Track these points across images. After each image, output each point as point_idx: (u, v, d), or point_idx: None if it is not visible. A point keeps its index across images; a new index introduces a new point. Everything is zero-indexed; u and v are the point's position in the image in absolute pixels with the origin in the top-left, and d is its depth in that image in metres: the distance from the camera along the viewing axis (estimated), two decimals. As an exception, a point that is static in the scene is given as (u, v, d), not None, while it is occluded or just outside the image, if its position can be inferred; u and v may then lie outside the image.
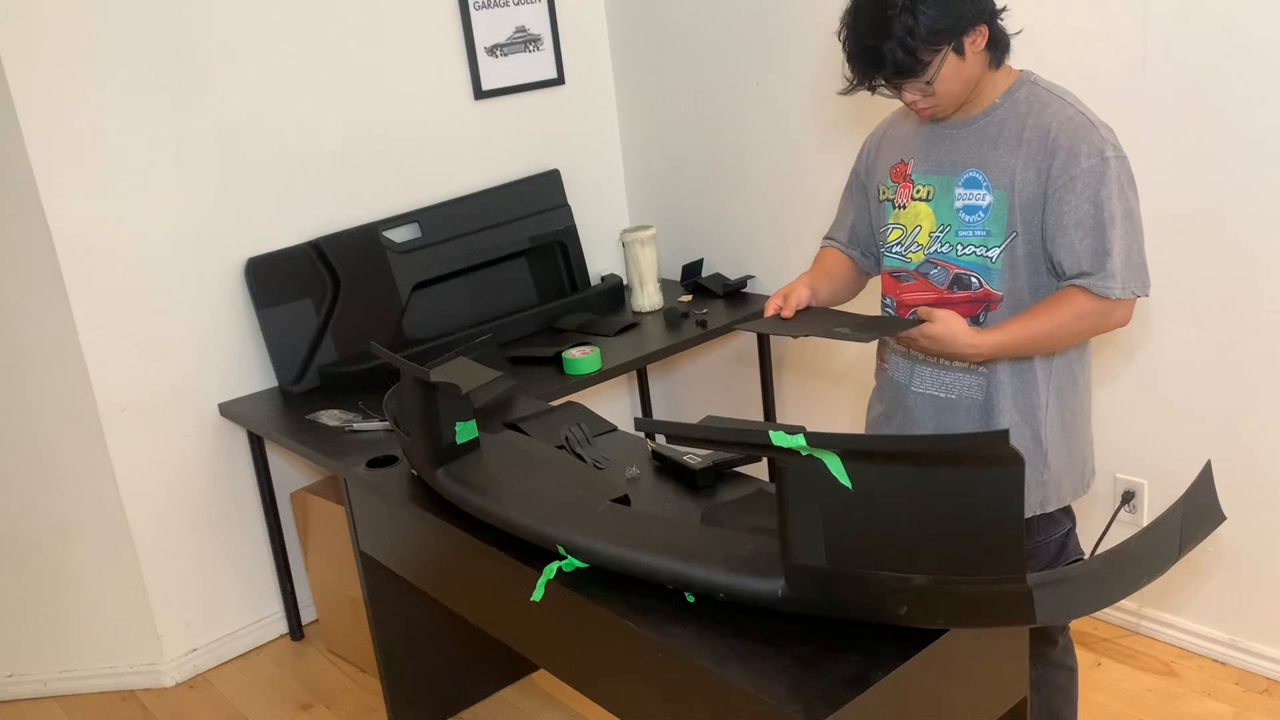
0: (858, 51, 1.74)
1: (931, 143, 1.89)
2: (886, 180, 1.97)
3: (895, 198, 1.94)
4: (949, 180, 1.86)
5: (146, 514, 2.99)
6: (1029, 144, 1.78)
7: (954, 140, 1.86)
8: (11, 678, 3.09)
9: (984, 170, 1.82)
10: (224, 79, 2.95)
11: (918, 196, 1.90)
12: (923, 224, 1.89)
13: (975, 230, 1.83)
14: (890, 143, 1.99)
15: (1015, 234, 1.80)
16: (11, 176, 2.71)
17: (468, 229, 3.35)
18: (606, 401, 3.92)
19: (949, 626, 1.50)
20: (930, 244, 1.88)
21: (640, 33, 3.61)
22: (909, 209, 1.91)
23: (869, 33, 1.71)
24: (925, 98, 1.78)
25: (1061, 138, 1.75)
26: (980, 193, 1.82)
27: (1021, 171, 1.78)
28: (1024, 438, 1.90)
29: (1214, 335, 2.48)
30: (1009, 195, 1.79)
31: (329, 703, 2.92)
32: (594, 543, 1.75)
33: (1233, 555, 2.59)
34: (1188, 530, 1.43)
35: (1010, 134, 1.80)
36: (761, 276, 3.50)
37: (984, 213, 1.81)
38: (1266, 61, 2.26)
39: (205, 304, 3.00)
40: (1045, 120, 1.77)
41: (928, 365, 1.94)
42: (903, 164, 1.93)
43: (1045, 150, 1.76)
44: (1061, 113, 1.77)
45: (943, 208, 1.86)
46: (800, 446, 1.42)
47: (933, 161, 1.88)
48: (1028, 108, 1.80)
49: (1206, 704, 2.52)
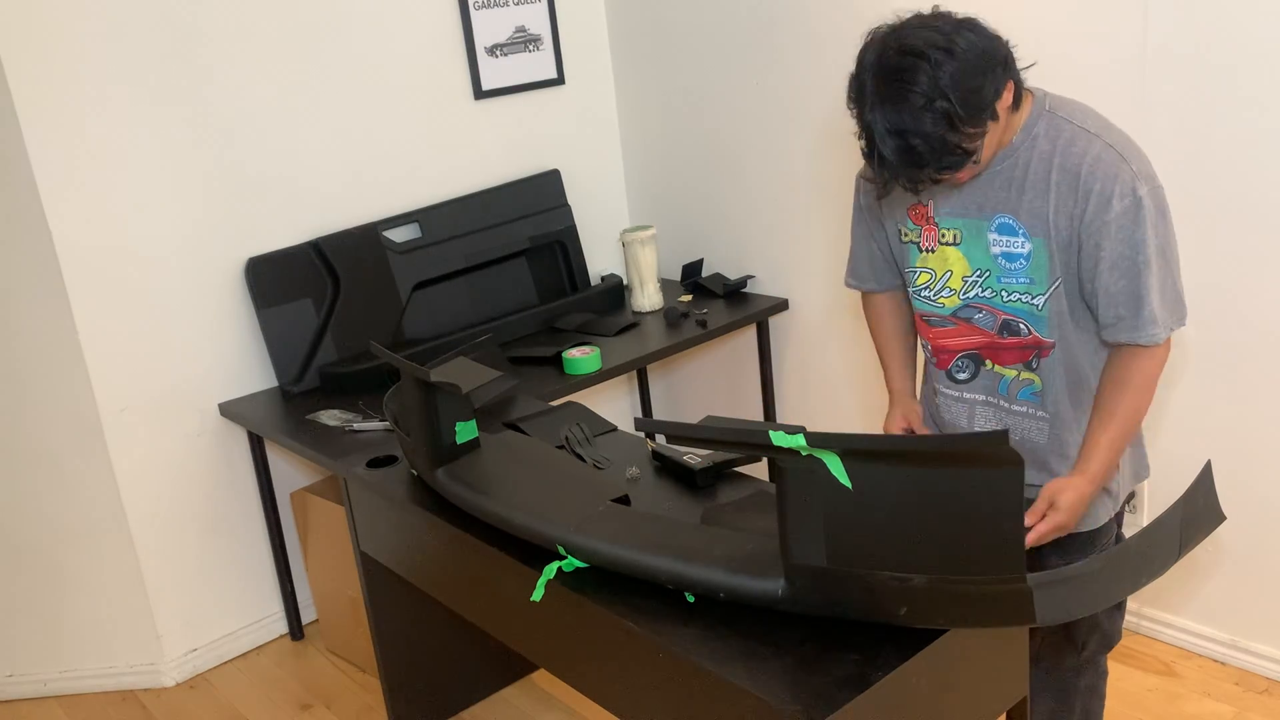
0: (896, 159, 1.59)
1: (950, 185, 1.77)
2: (907, 223, 1.86)
3: (921, 241, 1.84)
4: (978, 224, 1.76)
5: (146, 514, 2.99)
6: (1058, 187, 1.68)
7: (978, 184, 1.75)
8: (11, 678, 3.09)
9: (1017, 216, 1.72)
10: (224, 79, 2.95)
11: (945, 241, 1.81)
12: (954, 269, 1.81)
13: (1019, 278, 1.75)
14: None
15: (1058, 280, 1.72)
16: (12, 177, 2.71)
17: (468, 229, 3.35)
18: (606, 401, 3.92)
19: (949, 626, 1.50)
20: (966, 289, 1.80)
21: (640, 33, 3.61)
22: (938, 253, 1.82)
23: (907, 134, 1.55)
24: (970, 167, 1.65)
25: (1093, 181, 1.65)
26: (1018, 240, 1.73)
27: (1055, 216, 1.69)
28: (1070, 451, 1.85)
29: (1214, 335, 2.48)
30: (1048, 243, 1.71)
31: (329, 703, 2.92)
32: (594, 543, 1.75)
33: (1233, 555, 2.59)
34: (1188, 530, 1.43)
35: (1037, 177, 1.70)
36: (761, 276, 3.50)
37: (1025, 260, 1.73)
38: (1266, 61, 2.26)
39: (205, 304, 3.00)
40: (1072, 160, 1.67)
41: (989, 407, 1.88)
42: (922, 206, 1.83)
43: (1076, 194, 1.66)
44: (1088, 150, 1.66)
45: (976, 252, 1.78)
46: (800, 446, 1.42)
47: (956, 205, 1.78)
48: (1051, 145, 1.69)
49: (1206, 704, 2.52)
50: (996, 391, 1.85)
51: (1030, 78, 2.66)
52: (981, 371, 1.86)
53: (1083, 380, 1.81)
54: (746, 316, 3.31)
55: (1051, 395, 1.81)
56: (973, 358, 1.86)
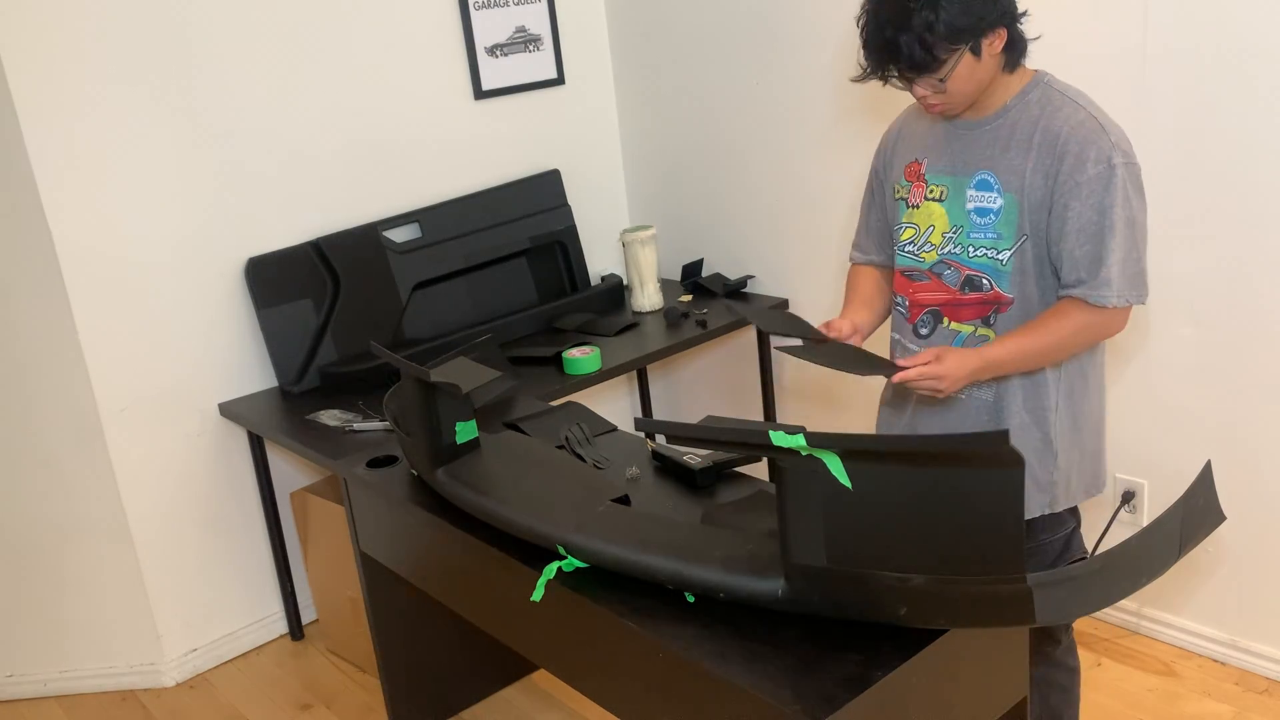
0: (875, 42, 1.73)
1: (945, 142, 1.89)
2: (901, 179, 1.97)
3: (909, 197, 1.94)
4: (961, 181, 1.85)
5: (146, 514, 2.99)
6: (1038, 147, 1.77)
7: (967, 141, 1.86)
8: (11, 678, 3.09)
9: (995, 172, 1.81)
10: (224, 79, 2.95)
11: (931, 196, 1.90)
12: (936, 224, 1.89)
13: (986, 233, 1.83)
14: (905, 141, 1.99)
15: (1025, 237, 1.80)
16: (12, 177, 2.71)
17: (468, 229, 3.35)
18: (606, 401, 3.92)
19: (949, 626, 1.50)
20: (943, 244, 1.88)
21: (640, 33, 3.61)
22: (922, 208, 1.91)
23: (889, 24, 1.69)
24: (936, 94, 1.77)
25: (1070, 143, 1.74)
26: (992, 195, 1.81)
27: (1030, 175, 1.77)
28: (1033, 438, 1.90)
29: (1214, 335, 2.48)
30: (1019, 198, 1.79)
31: (329, 703, 2.92)
32: (594, 543, 1.75)
33: (1233, 555, 2.59)
34: (1188, 530, 1.43)
35: (1022, 137, 1.79)
36: (761, 276, 3.50)
37: (995, 215, 1.81)
38: (1267, 61, 2.26)
39: (205, 304, 3.00)
40: (1056, 124, 1.76)
41: None
42: (917, 163, 1.93)
43: (1054, 154, 1.75)
44: (1072, 116, 1.76)
45: (955, 208, 1.86)
46: (800, 446, 1.42)
47: (946, 161, 1.88)
48: (1040, 110, 1.79)
49: (1206, 704, 2.52)
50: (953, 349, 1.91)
51: (1030, 78, 2.64)
52: (939, 329, 1.93)
53: None
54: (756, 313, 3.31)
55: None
56: (933, 314, 1.94)
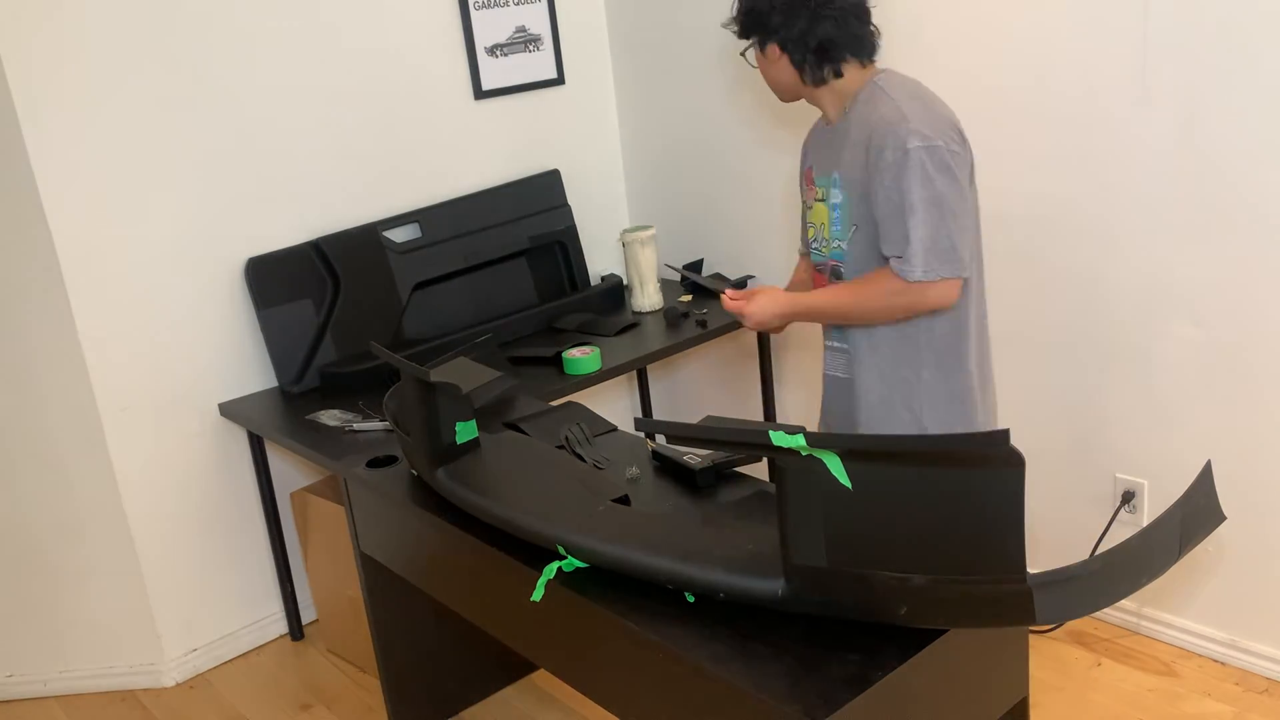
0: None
1: (820, 149, 2.09)
2: (802, 184, 2.17)
3: (806, 198, 2.14)
4: (827, 181, 2.05)
5: (146, 514, 2.99)
6: (859, 145, 1.94)
7: (826, 144, 2.06)
8: (11, 678, 3.09)
9: (840, 171, 2.00)
10: (224, 79, 2.95)
11: (817, 198, 2.08)
12: (823, 222, 2.07)
13: (836, 226, 2.03)
14: (806, 149, 2.18)
15: (855, 227, 1.99)
16: (12, 177, 2.71)
17: (468, 229, 3.35)
18: (606, 401, 3.92)
19: (949, 626, 1.50)
20: (827, 239, 2.08)
21: (640, 33, 3.61)
22: (814, 209, 2.10)
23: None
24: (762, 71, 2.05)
25: (875, 135, 1.90)
26: (838, 192, 2.01)
27: (857, 170, 1.95)
28: (895, 406, 2.05)
29: (1214, 335, 2.48)
30: (849, 193, 1.98)
31: (329, 703, 2.92)
32: (594, 543, 1.76)
33: (1233, 555, 2.59)
34: (1188, 530, 1.43)
35: (855, 137, 1.96)
36: (761, 276, 3.50)
37: (840, 210, 2.01)
38: (1267, 60, 2.26)
39: (205, 304, 3.00)
40: (871, 120, 1.93)
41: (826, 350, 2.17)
42: (809, 170, 2.12)
43: (866, 148, 1.92)
44: (881, 109, 1.92)
45: (828, 207, 2.06)
46: (800, 446, 1.42)
47: (820, 166, 2.08)
48: (865, 109, 1.95)
49: (1206, 704, 2.52)
50: (830, 333, 2.15)
51: (1032, 79, 2.67)
52: None
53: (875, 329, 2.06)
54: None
55: (849, 331, 2.08)
56: None
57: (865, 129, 1.92)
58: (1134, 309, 2.60)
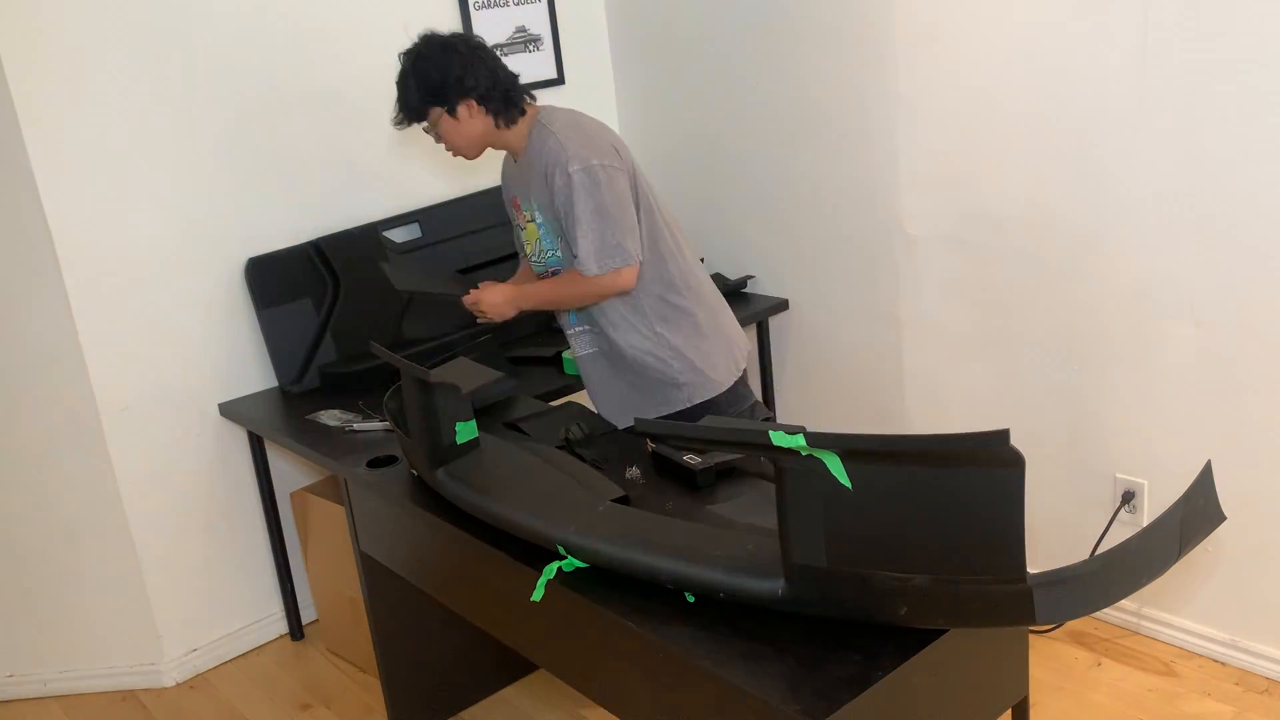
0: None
1: (515, 181, 2.46)
2: (510, 210, 2.53)
3: (519, 221, 2.50)
4: (530, 207, 2.41)
5: (146, 514, 2.99)
6: (540, 175, 2.32)
7: (519, 178, 2.44)
8: (11, 678, 3.09)
9: (533, 199, 2.38)
10: (224, 79, 2.95)
11: (529, 219, 2.43)
12: (536, 239, 2.44)
13: (546, 240, 2.41)
14: (506, 180, 2.53)
15: (560, 238, 2.37)
16: (12, 177, 2.71)
17: (468, 229, 3.34)
18: (606, 401, 3.92)
19: (949, 626, 1.50)
20: (542, 252, 2.44)
21: (640, 33, 3.61)
22: (527, 229, 2.47)
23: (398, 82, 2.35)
24: (439, 142, 2.40)
25: (546, 167, 2.30)
26: (539, 214, 2.39)
27: (546, 196, 2.33)
28: (648, 360, 2.41)
29: (1214, 335, 2.48)
30: (546, 214, 2.37)
31: (329, 703, 2.92)
32: (594, 543, 1.76)
33: (1233, 555, 2.59)
34: (1188, 530, 1.43)
35: (535, 170, 2.34)
36: (761, 276, 3.50)
37: (544, 229, 2.40)
38: (1267, 60, 2.26)
39: (205, 304, 3.00)
40: (542, 156, 2.31)
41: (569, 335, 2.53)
42: (515, 198, 2.48)
43: (544, 179, 2.31)
44: (546, 145, 2.30)
45: (536, 226, 2.42)
46: (800, 446, 1.42)
47: (521, 195, 2.44)
48: (538, 146, 2.33)
49: (1206, 704, 2.52)
50: (570, 324, 2.51)
51: (1032, 77, 2.67)
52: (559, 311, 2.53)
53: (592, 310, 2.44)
54: (746, 316, 3.31)
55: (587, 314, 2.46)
56: None
57: (541, 162, 2.31)
58: (1134, 309, 2.60)
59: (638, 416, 2.21)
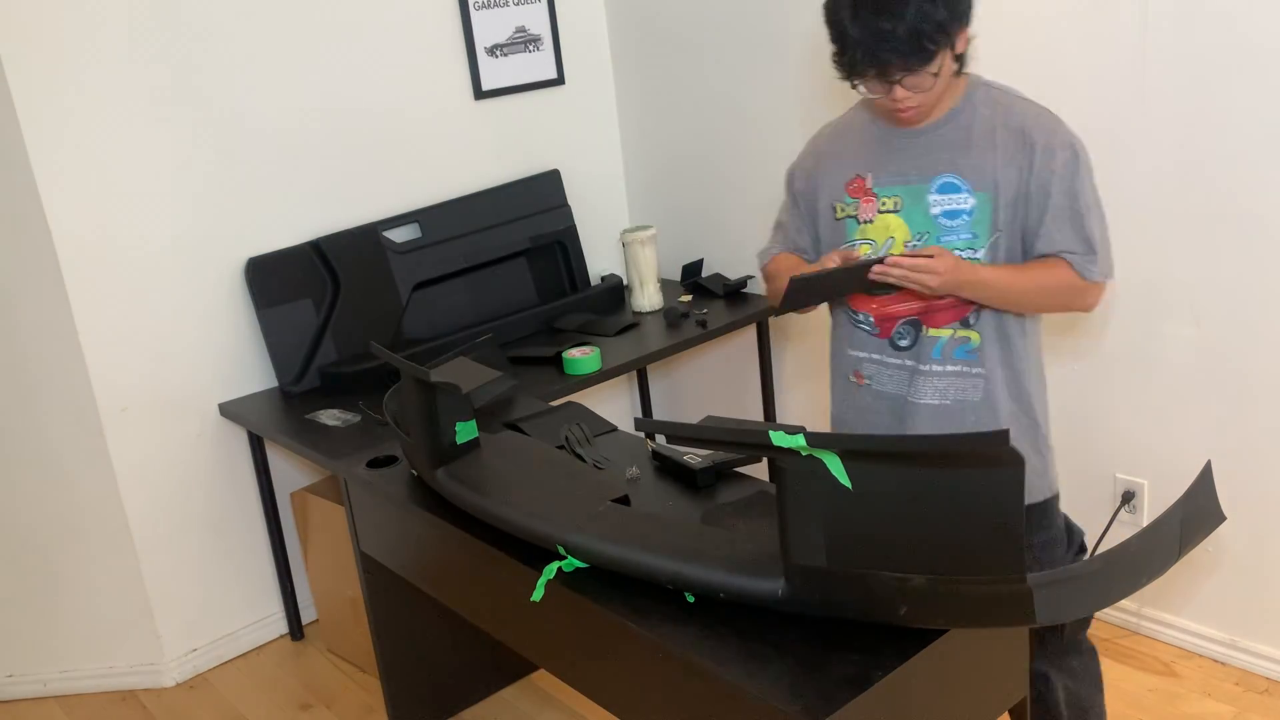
0: (866, 37, 1.68)
1: (890, 153, 1.88)
2: (844, 197, 1.94)
3: (859, 213, 1.92)
4: (919, 189, 1.85)
5: (146, 514, 2.99)
6: (1005, 145, 1.80)
7: (915, 148, 1.86)
8: (11, 678, 3.09)
9: (960, 174, 1.82)
10: (224, 79, 2.95)
11: (884, 209, 1.88)
12: (895, 235, 1.87)
13: (961, 234, 1.83)
14: (834, 159, 1.96)
15: (999, 233, 1.82)
16: (12, 176, 2.71)
17: (468, 229, 3.35)
18: (606, 401, 3.92)
19: (949, 626, 1.50)
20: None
21: (640, 33, 3.61)
22: (877, 222, 1.89)
23: (884, 13, 1.65)
24: (917, 95, 1.75)
25: (1036, 135, 1.79)
26: (962, 196, 1.82)
27: (1002, 170, 1.80)
28: (1024, 426, 1.93)
29: (1214, 335, 2.48)
30: (993, 196, 1.81)
31: (329, 703, 2.92)
32: (594, 543, 1.76)
33: (1233, 555, 2.59)
34: (1188, 530, 1.43)
35: (981, 136, 1.82)
36: (761, 277, 3.49)
37: (968, 216, 1.82)
38: (1267, 60, 2.26)
39: (205, 304, 3.00)
40: (1015, 120, 1.81)
41: (926, 375, 1.91)
42: (859, 178, 1.91)
43: (1023, 148, 1.80)
44: (1028, 111, 1.82)
45: (915, 216, 1.86)
46: (800, 446, 1.42)
47: (895, 172, 1.87)
48: (990, 110, 1.83)
49: (1206, 704, 2.52)
50: (930, 357, 1.91)
51: (1031, 76, 2.66)
52: (920, 337, 1.91)
53: (1010, 338, 1.90)
54: (746, 316, 3.31)
55: (987, 350, 1.89)
56: (912, 323, 1.92)
57: (1012, 130, 1.80)
58: (1134, 309, 2.60)
59: None
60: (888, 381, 1.97)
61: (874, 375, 1.99)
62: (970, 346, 1.89)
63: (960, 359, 1.90)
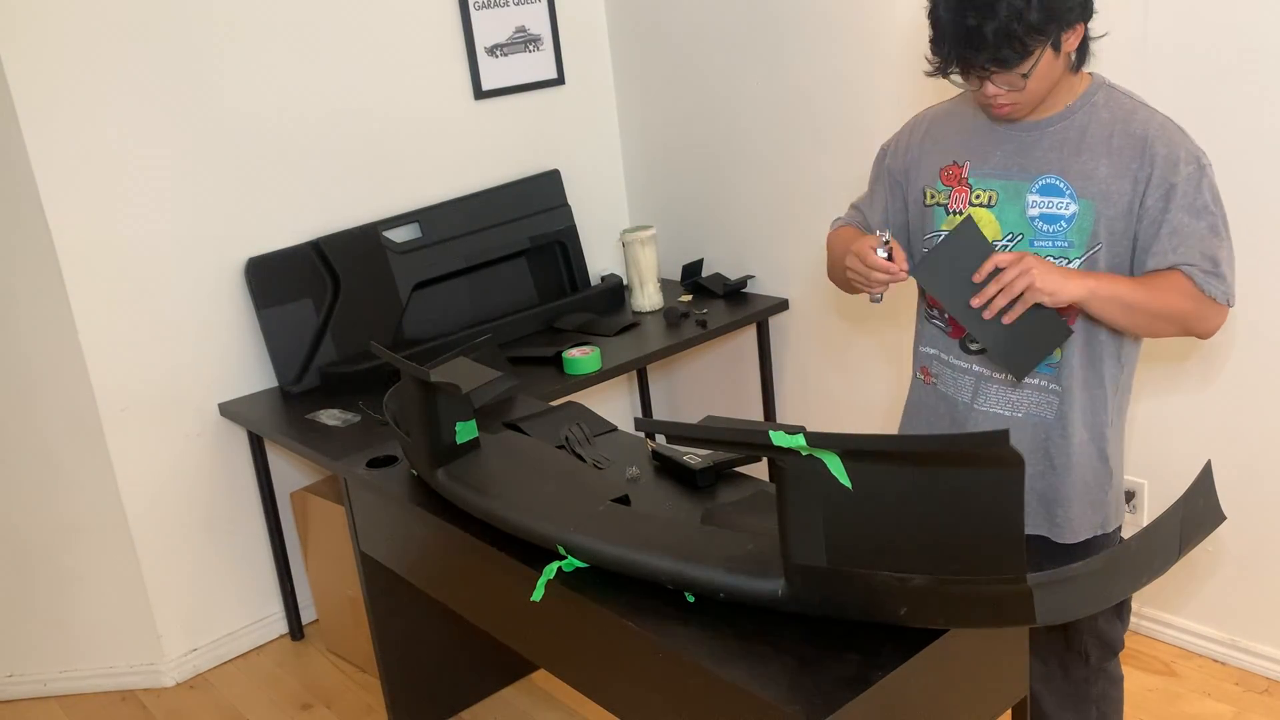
0: (955, 31, 1.61)
1: (993, 145, 1.78)
2: (937, 184, 1.84)
3: (950, 202, 1.81)
4: (1019, 186, 1.75)
5: (146, 514, 2.99)
6: (1120, 151, 1.69)
7: (1023, 144, 1.76)
8: (11, 678, 3.09)
9: (1065, 177, 1.71)
10: (224, 79, 2.95)
11: (977, 202, 1.78)
12: (985, 231, 1.75)
13: (1056, 240, 1.72)
14: (936, 142, 1.87)
15: (1099, 245, 1.71)
16: (12, 177, 2.71)
17: (468, 229, 3.35)
18: (606, 401, 3.92)
19: (949, 626, 1.50)
20: None
21: (640, 33, 3.61)
22: (964, 214, 1.80)
23: (973, 11, 1.58)
24: (1010, 93, 1.67)
25: (1158, 145, 1.67)
26: (1063, 201, 1.71)
27: (1114, 180, 1.69)
28: (1091, 455, 1.83)
29: (1214, 335, 2.48)
30: (1096, 205, 1.70)
31: (329, 703, 2.92)
32: (594, 543, 1.75)
33: (1233, 555, 2.59)
34: (1188, 530, 1.43)
35: (1095, 140, 1.71)
36: (761, 276, 3.50)
37: (1067, 223, 1.71)
38: (1267, 60, 2.26)
39: (205, 304, 3.00)
40: (1136, 127, 1.69)
41: (995, 382, 1.83)
42: (956, 166, 1.81)
43: (1141, 158, 1.68)
44: (1152, 119, 1.70)
45: (1010, 214, 1.75)
46: (800, 446, 1.42)
47: (996, 165, 1.77)
48: (1110, 114, 1.71)
49: (1206, 704, 2.52)
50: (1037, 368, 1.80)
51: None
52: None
53: (1096, 358, 1.78)
54: (746, 316, 3.31)
55: (1068, 368, 1.78)
56: None
57: (1130, 136, 1.68)
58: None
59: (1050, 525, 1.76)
60: (951, 384, 1.90)
61: (940, 375, 1.92)
62: (1051, 360, 1.78)
63: (1039, 372, 1.80)
